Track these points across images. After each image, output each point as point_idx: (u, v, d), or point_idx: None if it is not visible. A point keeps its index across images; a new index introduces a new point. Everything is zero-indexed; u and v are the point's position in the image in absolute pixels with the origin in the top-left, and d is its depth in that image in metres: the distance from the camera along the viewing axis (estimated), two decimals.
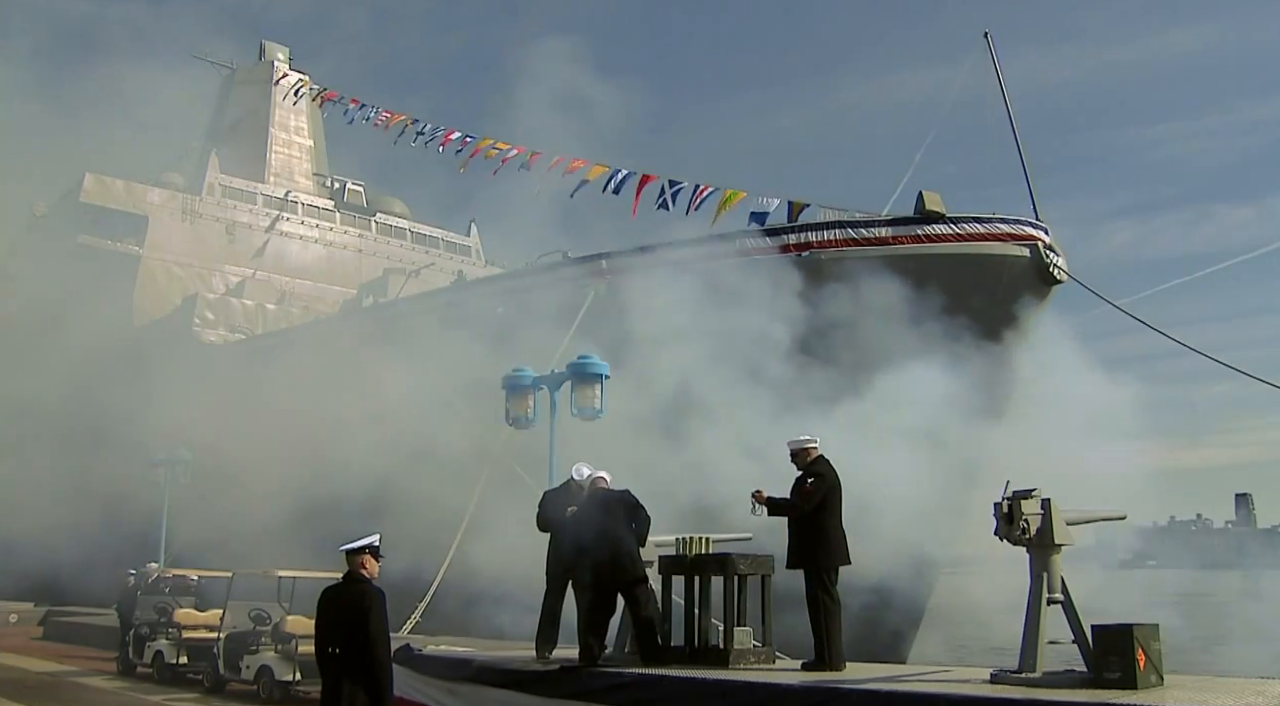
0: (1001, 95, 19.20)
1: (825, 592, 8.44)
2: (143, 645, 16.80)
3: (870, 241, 18.90)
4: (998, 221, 19.06)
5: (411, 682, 10.15)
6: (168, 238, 38.22)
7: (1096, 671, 6.64)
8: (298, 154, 44.60)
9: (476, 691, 9.60)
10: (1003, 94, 19.20)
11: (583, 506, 9.54)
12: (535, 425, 13.48)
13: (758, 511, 8.80)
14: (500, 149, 26.10)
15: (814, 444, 8.91)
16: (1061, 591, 7.10)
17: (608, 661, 9.09)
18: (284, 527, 19.35)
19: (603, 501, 9.34)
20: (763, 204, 20.71)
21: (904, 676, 7.56)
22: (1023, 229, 19.01)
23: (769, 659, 9.14)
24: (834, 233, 19.22)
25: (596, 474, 9.85)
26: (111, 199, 37.90)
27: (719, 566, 9.17)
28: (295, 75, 42.80)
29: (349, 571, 7.02)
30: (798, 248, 19.17)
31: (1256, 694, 6.17)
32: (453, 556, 17.60)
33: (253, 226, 39.85)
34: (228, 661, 14.55)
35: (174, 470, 22.48)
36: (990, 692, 6.62)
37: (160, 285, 37.19)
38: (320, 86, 38.12)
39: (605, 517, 9.14)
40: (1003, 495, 7.19)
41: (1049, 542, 7.10)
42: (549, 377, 13.43)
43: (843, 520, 8.68)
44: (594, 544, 9.08)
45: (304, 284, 38.75)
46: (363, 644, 6.74)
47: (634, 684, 8.30)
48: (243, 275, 38.25)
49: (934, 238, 18.66)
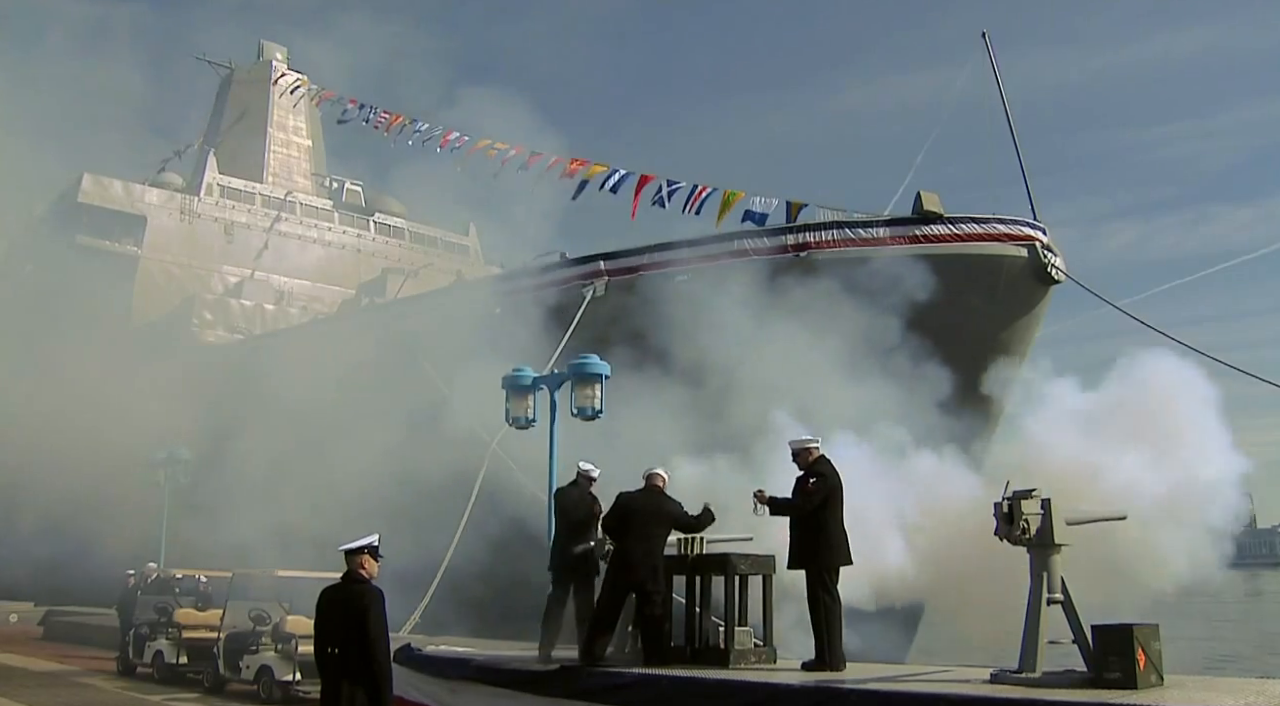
0: (999, 95, 19.25)
1: (826, 592, 8.44)
2: (143, 645, 16.80)
3: (868, 242, 18.93)
4: (995, 222, 19.09)
5: (411, 682, 10.15)
6: (166, 238, 38.19)
7: (1096, 671, 6.64)
8: (296, 154, 44.54)
9: (476, 691, 9.61)
10: (1000, 94, 19.26)
11: (634, 503, 9.31)
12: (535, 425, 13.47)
13: (759, 511, 8.81)
14: (499, 149, 26.13)
15: (815, 444, 8.92)
16: (1061, 591, 7.11)
17: (608, 661, 9.10)
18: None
19: (656, 508, 9.25)
20: (760, 204, 20.74)
21: (904, 676, 7.57)
22: (1020, 229, 19.04)
23: (769, 659, 9.14)
24: (832, 233, 19.24)
25: (654, 470, 9.58)
26: (109, 199, 37.86)
27: (719, 566, 9.17)
28: (294, 75, 42.76)
29: (348, 571, 7.02)
30: (795, 248, 19.19)
31: (1256, 694, 6.18)
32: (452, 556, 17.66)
33: (251, 227, 39.80)
34: (228, 661, 14.56)
35: (174, 470, 22.45)
36: (990, 692, 6.63)
37: (159, 286, 37.18)
38: (318, 86, 38.15)
39: (654, 524, 9.12)
40: (1003, 495, 7.20)
41: (1049, 542, 7.11)
42: (549, 377, 13.42)
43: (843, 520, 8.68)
44: (637, 547, 9.06)
45: (302, 284, 38.75)
46: (362, 644, 6.74)
47: (634, 684, 8.30)
48: (241, 275, 38.26)
49: (932, 238, 18.69)
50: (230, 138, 43.24)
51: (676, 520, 9.25)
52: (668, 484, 9.56)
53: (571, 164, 23.85)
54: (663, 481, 9.52)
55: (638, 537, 9.06)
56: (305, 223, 40.87)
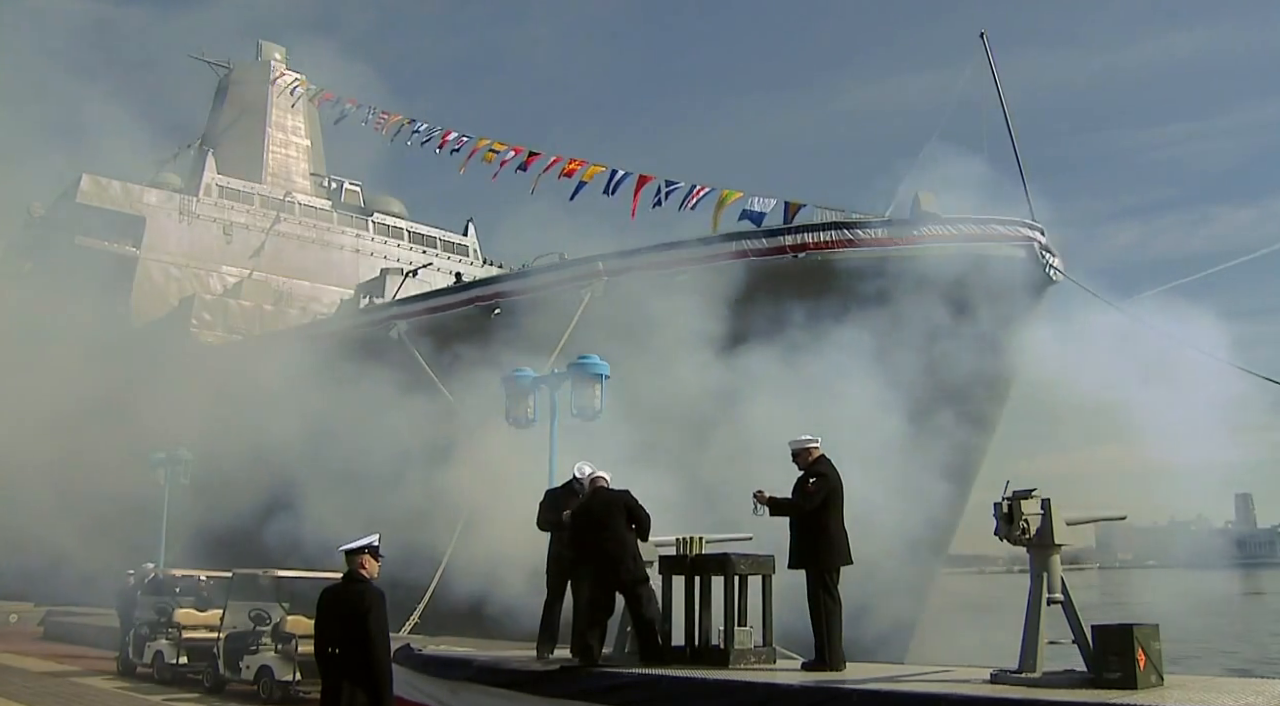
0: (998, 95, 19.25)
1: (826, 592, 8.44)
2: (143, 645, 16.78)
3: (866, 242, 18.94)
4: (993, 222, 19.09)
5: (412, 682, 10.15)
6: (165, 238, 38.22)
7: (1096, 671, 6.64)
8: (295, 154, 44.54)
9: (476, 691, 9.60)
10: (999, 95, 19.25)
11: (582, 506, 9.54)
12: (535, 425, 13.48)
13: (759, 511, 8.81)
14: (498, 150, 26.15)
15: (815, 444, 8.91)
16: (1061, 591, 7.11)
17: (607, 661, 9.10)
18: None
19: (604, 501, 9.36)
20: (759, 205, 20.74)
21: (904, 676, 7.56)
22: (1018, 229, 19.04)
23: (769, 659, 9.14)
24: (830, 234, 19.25)
25: (596, 473, 9.78)
26: (108, 200, 37.87)
27: (719, 566, 9.17)
28: (292, 75, 42.78)
29: (348, 571, 7.03)
30: (793, 249, 19.20)
31: (1256, 694, 6.18)
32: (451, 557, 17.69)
33: (250, 227, 39.81)
34: (228, 661, 14.55)
35: (174, 469, 22.45)
36: (990, 692, 6.62)
37: (158, 286, 37.18)
38: (317, 87, 38.16)
39: (606, 517, 9.16)
40: (1003, 495, 7.20)
41: (1049, 542, 7.10)
42: (549, 377, 13.43)
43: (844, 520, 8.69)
44: (595, 543, 9.10)
45: (301, 284, 38.73)
46: (362, 644, 6.75)
47: (634, 684, 8.29)
48: (240, 276, 38.23)
49: (930, 238, 18.69)
50: (229, 138, 43.25)
51: (629, 505, 9.24)
52: (609, 481, 9.68)
53: (570, 164, 23.87)
54: (605, 481, 9.66)
55: (600, 529, 9.10)
56: (304, 223, 40.87)
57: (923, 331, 16.72)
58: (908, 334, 16.55)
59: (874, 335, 16.25)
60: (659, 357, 16.52)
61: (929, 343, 16.59)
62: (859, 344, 16.15)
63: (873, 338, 16.19)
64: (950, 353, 16.51)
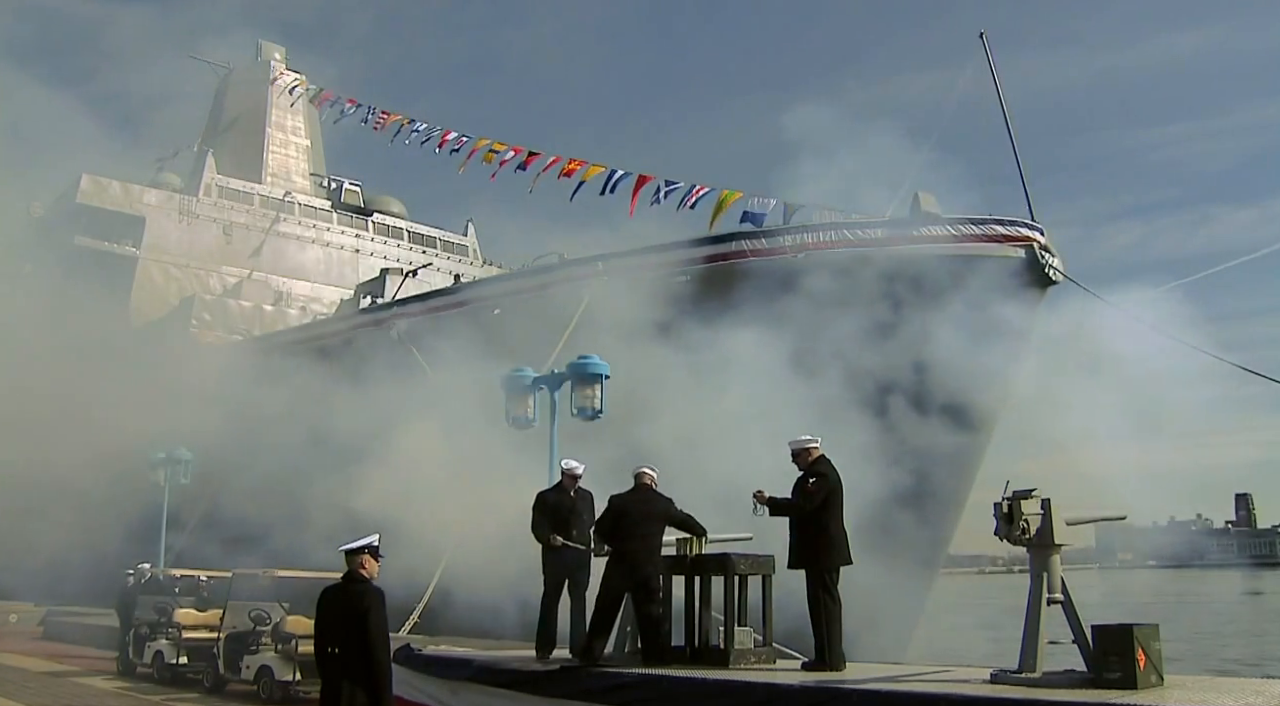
0: (998, 96, 19.26)
1: (826, 592, 8.45)
2: (143, 645, 16.77)
3: (866, 243, 18.92)
4: (993, 223, 19.08)
5: (412, 682, 10.15)
6: (164, 239, 38.20)
7: (1096, 671, 6.65)
8: (294, 154, 44.54)
9: (476, 691, 9.60)
10: (999, 95, 19.26)
11: (618, 505, 9.27)
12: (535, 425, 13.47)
13: (759, 511, 8.80)
14: (497, 150, 26.15)
15: (815, 444, 8.92)
16: (1061, 591, 7.11)
17: (608, 661, 9.09)
18: None
19: (644, 501, 9.24)
20: (758, 204, 20.74)
21: (904, 676, 7.57)
22: (1018, 230, 19.03)
23: (769, 659, 9.14)
24: (829, 234, 19.23)
25: (641, 468, 9.47)
26: (108, 200, 37.86)
27: (719, 566, 9.17)
28: (292, 75, 42.77)
29: (348, 571, 7.03)
30: (793, 249, 19.18)
31: (1256, 694, 6.18)
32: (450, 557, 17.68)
33: (250, 227, 39.81)
34: (228, 661, 14.54)
35: (174, 469, 22.45)
36: (990, 692, 6.63)
37: (158, 286, 37.17)
38: (317, 87, 38.15)
39: (645, 519, 9.09)
40: (1003, 495, 7.20)
41: (1049, 542, 7.11)
42: (549, 377, 13.43)
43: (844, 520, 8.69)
44: (631, 545, 9.04)
45: (301, 284, 38.74)
46: (362, 644, 6.75)
47: (634, 684, 8.29)
48: (240, 276, 38.23)
49: (929, 238, 18.67)
50: (228, 138, 43.25)
51: (670, 517, 9.24)
52: (656, 481, 9.51)
53: (570, 164, 23.87)
54: (651, 479, 9.46)
55: (634, 537, 9.03)
56: (304, 223, 40.88)
57: (920, 331, 16.72)
58: (906, 333, 16.55)
59: (870, 335, 16.26)
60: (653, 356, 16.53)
61: (926, 343, 16.59)
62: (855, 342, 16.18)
63: (868, 337, 16.20)
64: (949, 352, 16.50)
